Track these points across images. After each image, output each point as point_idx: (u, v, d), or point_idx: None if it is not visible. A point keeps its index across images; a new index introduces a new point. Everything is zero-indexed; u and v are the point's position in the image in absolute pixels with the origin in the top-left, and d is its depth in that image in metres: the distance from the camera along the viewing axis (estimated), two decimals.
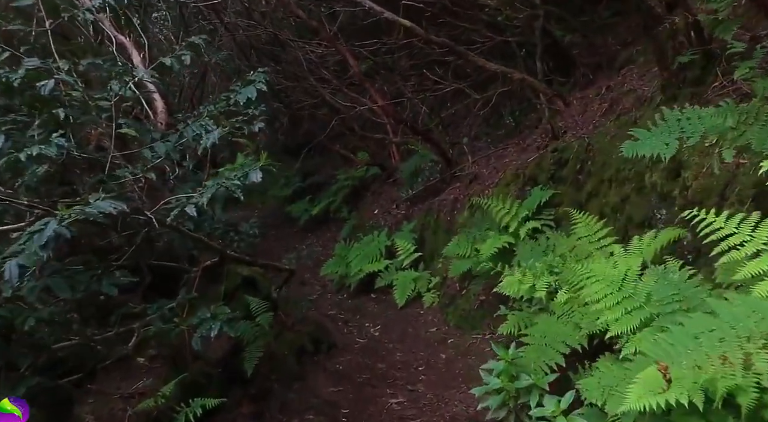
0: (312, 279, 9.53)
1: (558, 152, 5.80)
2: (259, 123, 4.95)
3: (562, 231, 5.55)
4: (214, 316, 3.57)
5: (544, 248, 5.15)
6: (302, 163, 13.04)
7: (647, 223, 4.42)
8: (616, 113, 5.62)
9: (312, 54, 9.67)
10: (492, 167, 7.58)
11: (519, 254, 5.44)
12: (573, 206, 5.56)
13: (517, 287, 4.63)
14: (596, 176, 5.27)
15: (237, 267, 4.67)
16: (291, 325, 5.14)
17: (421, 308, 7.31)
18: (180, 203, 3.48)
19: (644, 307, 3.27)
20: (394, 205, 9.30)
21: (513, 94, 8.51)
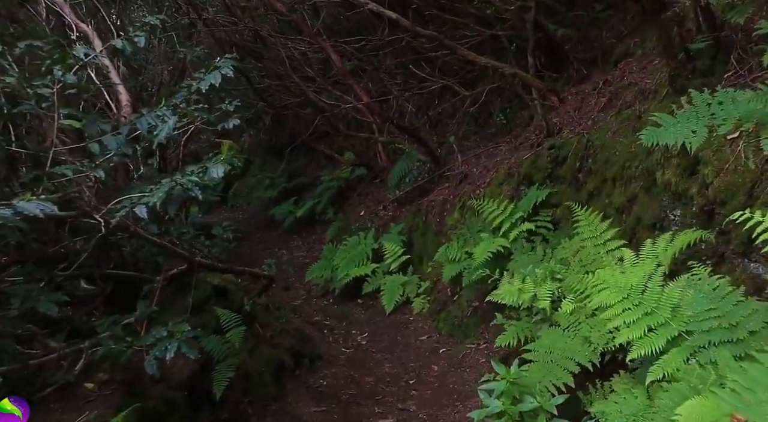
0: (297, 284, 8.93)
1: (555, 150, 5.29)
2: (234, 120, 4.35)
3: (561, 233, 5.04)
4: (171, 334, 2.99)
5: (543, 252, 4.62)
6: (287, 164, 12.44)
7: (659, 225, 3.90)
8: (617, 108, 5.11)
9: (295, 51, 9.08)
10: (482, 167, 7.05)
11: (515, 258, 4.91)
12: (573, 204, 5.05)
13: (517, 296, 4.09)
14: (598, 174, 4.76)
15: (208, 275, 4.08)
16: (269, 337, 4.55)
17: (410, 315, 6.75)
18: (128, 204, 2.88)
19: (670, 323, 2.73)
20: (381, 206, 8.73)
21: (503, 91, 8.01)
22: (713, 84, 4.12)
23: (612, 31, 6.65)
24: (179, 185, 2.96)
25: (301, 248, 10.64)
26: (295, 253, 10.57)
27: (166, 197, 2.88)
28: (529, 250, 4.89)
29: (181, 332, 2.99)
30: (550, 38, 6.85)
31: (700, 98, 2.99)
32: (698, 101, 2.97)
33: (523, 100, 7.42)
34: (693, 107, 2.94)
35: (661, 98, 4.57)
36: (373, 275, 7.42)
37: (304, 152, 12.16)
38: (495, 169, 6.60)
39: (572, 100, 6.18)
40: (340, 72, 7.44)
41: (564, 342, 3.62)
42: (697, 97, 3.01)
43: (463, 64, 8.75)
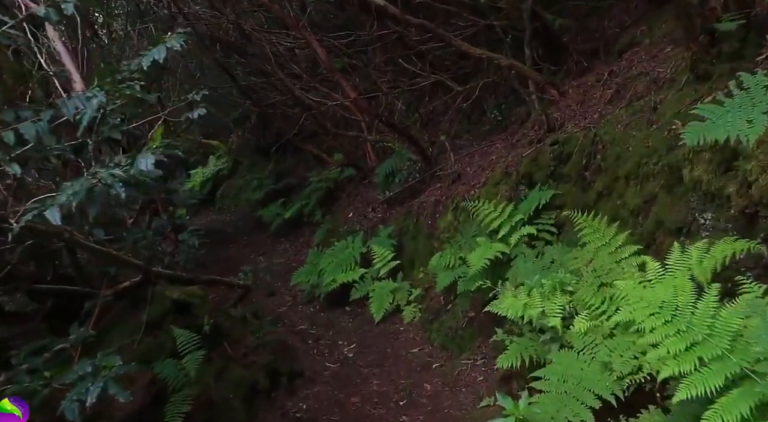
0: (282, 288, 8.24)
1: (558, 146, 4.64)
2: (199, 110, 3.68)
3: (566, 237, 4.40)
4: (96, 371, 2.31)
5: (551, 259, 3.96)
6: (275, 164, 11.74)
7: (685, 229, 3.26)
8: (626, 100, 4.47)
9: (280, 47, 8.39)
10: (477, 166, 6.40)
11: (517, 267, 4.26)
12: (579, 208, 4.40)
13: (522, 310, 3.43)
14: (608, 172, 4.11)
15: (167, 288, 3.40)
16: (243, 355, 3.88)
17: (400, 324, 6.08)
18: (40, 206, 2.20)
19: (729, 356, 2.08)
20: (370, 208, 8.06)
21: (497, 86, 7.37)
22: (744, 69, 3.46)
23: (614, 20, 6.03)
24: (99, 181, 2.27)
25: (289, 251, 9.95)
26: (276, 259, 9.86)
27: (84, 196, 2.19)
28: (533, 257, 4.23)
29: (110, 367, 2.31)
30: (547, 29, 6.21)
31: (754, 81, 2.35)
32: (752, 85, 2.33)
33: (519, 95, 6.78)
34: (746, 93, 2.30)
35: (679, 87, 3.94)
36: (361, 280, 6.74)
37: (292, 152, 11.47)
38: (490, 168, 5.95)
39: (574, 94, 5.54)
40: (326, 66, 6.77)
41: (580, 368, 2.97)
42: (750, 81, 2.37)
43: (456, 59, 8.10)
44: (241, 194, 12.03)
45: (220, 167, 12.64)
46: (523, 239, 4.63)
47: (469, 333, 5.08)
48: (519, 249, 4.60)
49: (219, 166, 12.65)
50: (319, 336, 6.41)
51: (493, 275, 4.71)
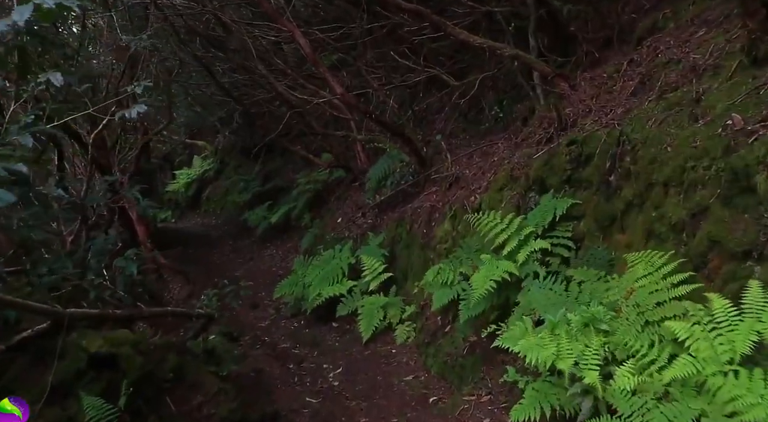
0: (266, 299, 7.42)
1: (576, 146, 3.82)
2: (139, 107, 2.83)
3: (586, 255, 3.58)
4: None
5: (578, 289, 3.12)
6: (262, 165, 10.89)
7: (756, 254, 2.45)
8: (656, 91, 3.66)
9: (264, 41, 7.52)
10: (476, 167, 5.57)
11: (530, 292, 3.43)
12: (602, 221, 3.59)
13: (544, 355, 2.60)
14: (640, 177, 3.30)
15: (87, 336, 2.52)
16: (197, 407, 3.04)
17: (392, 345, 5.26)
18: None
19: None
20: (360, 213, 7.23)
21: (497, 81, 6.54)
22: None
23: (630, 5, 5.21)
24: None
25: (276, 256, 9.11)
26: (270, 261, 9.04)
27: None
28: (550, 282, 3.40)
29: None
30: (554, 16, 5.38)
31: None
32: None
33: (522, 90, 5.95)
34: None
35: (728, 74, 3.13)
36: (349, 295, 5.91)
37: (280, 152, 10.62)
38: (493, 171, 5.13)
39: (587, 87, 4.72)
40: (310, 59, 5.92)
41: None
42: None
43: (452, 53, 7.27)
44: (227, 197, 11.16)
45: (206, 168, 11.75)
46: (535, 256, 3.81)
47: (471, 361, 4.26)
48: (530, 268, 3.78)
49: (205, 167, 11.76)
50: (302, 357, 5.58)
51: (499, 295, 3.91)
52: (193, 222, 11.70)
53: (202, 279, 8.45)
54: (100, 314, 2.72)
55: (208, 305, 3.85)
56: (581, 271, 3.27)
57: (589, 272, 3.21)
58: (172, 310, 3.35)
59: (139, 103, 2.84)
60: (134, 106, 2.83)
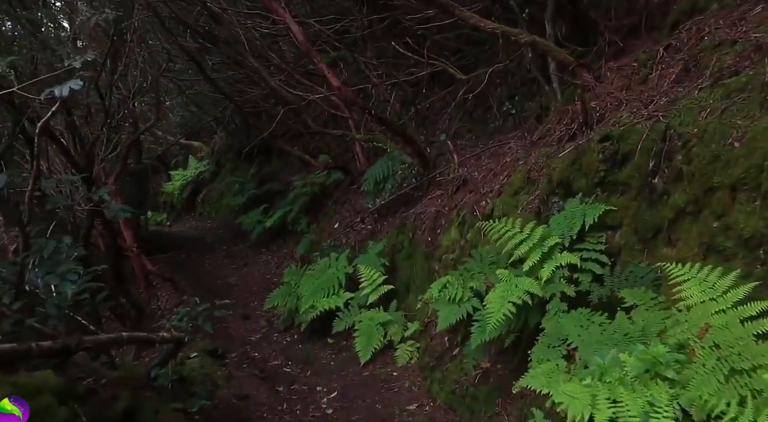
0: (258, 310, 6.74)
1: (611, 143, 3.13)
2: (73, 83, 2.17)
3: (624, 272, 2.90)
4: None
5: (629, 321, 2.43)
6: (258, 167, 10.22)
7: None
8: (710, 77, 2.99)
9: (256, 33, 6.86)
10: (486, 169, 4.91)
11: (562, 322, 2.76)
12: (644, 231, 2.91)
13: (597, 414, 1.91)
14: (696, 179, 2.62)
15: None
16: None
17: (393, 367, 4.59)
18: None
19: None
20: (359, 218, 6.56)
21: (507, 75, 5.87)
22: None
23: None
24: None
25: (271, 262, 8.44)
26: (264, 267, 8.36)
27: None
28: (586, 310, 2.72)
29: None
30: (574, 2, 4.73)
31: None
32: None
33: (535, 85, 5.30)
34: None
35: None
36: (346, 308, 5.23)
37: (277, 154, 9.94)
38: (506, 173, 4.45)
39: (614, 77, 4.05)
40: (304, 49, 5.26)
41: None
42: None
43: (457, 47, 6.61)
44: (223, 199, 10.49)
45: (202, 170, 11.08)
46: (561, 273, 3.13)
47: (485, 392, 3.58)
48: (556, 287, 3.10)
49: (200, 168, 11.09)
50: (293, 377, 4.92)
51: (518, 318, 3.23)
52: (188, 225, 11.03)
53: (193, 287, 7.78)
54: (12, 350, 2.05)
55: (177, 326, 3.18)
56: (631, 292, 2.58)
57: (643, 293, 2.53)
58: (128, 336, 2.67)
59: (74, 79, 2.19)
60: (68, 81, 2.18)
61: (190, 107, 10.61)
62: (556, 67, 4.69)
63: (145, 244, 9.23)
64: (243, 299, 7.32)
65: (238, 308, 7.06)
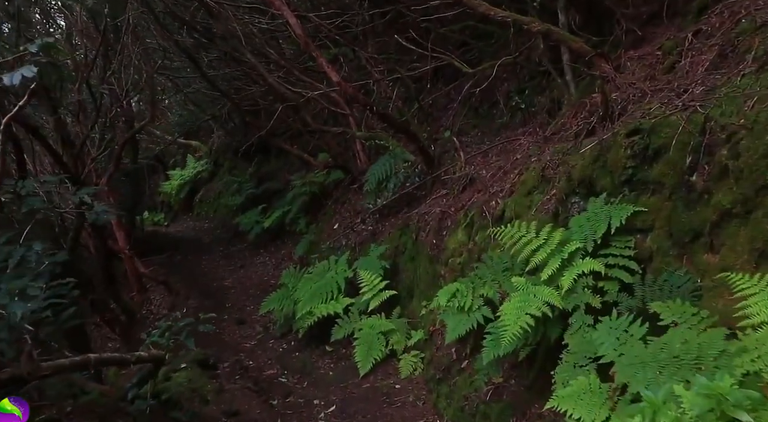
0: (254, 314, 6.37)
1: (641, 136, 2.75)
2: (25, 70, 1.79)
3: (658, 282, 2.52)
4: None
5: (682, 340, 2.04)
6: (257, 166, 9.83)
7: None
8: (754, 62, 2.61)
9: (254, 28, 6.47)
10: (495, 167, 4.52)
11: (594, 338, 2.38)
12: (681, 235, 2.53)
13: None
14: (745, 175, 2.25)
15: None
16: None
17: (395, 378, 4.21)
18: None
19: None
20: (359, 218, 6.17)
21: (514, 70, 5.48)
22: None
23: None
24: None
25: (268, 264, 8.06)
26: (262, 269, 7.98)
27: None
28: (625, 323, 2.34)
29: None
30: None
31: None
32: None
33: (545, 78, 4.92)
34: None
35: None
36: (345, 315, 4.86)
37: (276, 153, 9.55)
38: (517, 171, 4.07)
39: (635, 67, 3.67)
40: (302, 42, 4.88)
41: None
42: None
43: (462, 41, 6.23)
44: (220, 199, 10.11)
45: (200, 170, 10.69)
46: (585, 282, 2.76)
47: (497, 410, 3.20)
48: (579, 298, 2.73)
49: (198, 168, 10.70)
50: (289, 388, 4.54)
51: (536, 332, 2.85)
52: (185, 226, 10.65)
53: (188, 289, 7.41)
54: None
55: (158, 342, 2.80)
56: (665, 305, 2.21)
57: (680, 307, 2.15)
58: (96, 358, 2.28)
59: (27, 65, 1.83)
60: (18, 69, 1.81)
61: (188, 106, 10.23)
62: (570, 58, 4.31)
63: (140, 245, 8.86)
64: (239, 302, 6.95)
65: (233, 312, 6.71)
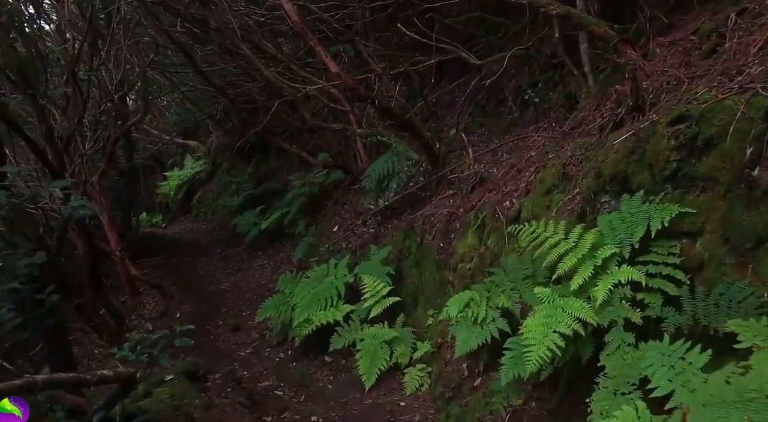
0: (250, 320, 5.92)
1: (689, 124, 2.32)
2: None
3: (716, 295, 2.09)
4: None
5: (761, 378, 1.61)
6: (256, 166, 9.40)
7: None
8: None
9: (249, 20, 6.05)
10: (507, 166, 4.10)
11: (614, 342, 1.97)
12: (739, 239, 2.10)
13: None
14: None
15: None
16: None
17: (400, 394, 3.77)
18: None
19: None
20: (360, 220, 5.74)
21: (524, 62, 5.06)
22: None
23: None
24: None
25: (266, 267, 7.62)
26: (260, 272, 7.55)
27: None
28: (680, 349, 1.90)
29: None
30: None
31: None
32: None
33: (560, 71, 4.49)
34: None
35: None
36: (346, 323, 4.41)
37: (275, 153, 9.12)
38: (533, 168, 3.65)
39: (666, 54, 3.25)
40: (298, 29, 4.46)
41: None
42: None
43: (468, 34, 5.80)
44: (218, 200, 9.68)
45: (198, 170, 10.26)
46: (622, 293, 2.33)
47: None
48: (615, 311, 2.30)
49: (196, 168, 10.27)
50: (285, 402, 4.10)
51: (565, 352, 2.41)
52: (183, 227, 10.22)
53: (182, 293, 6.98)
54: None
55: (130, 355, 2.36)
56: (756, 325, 1.77)
57: (764, 328, 1.72)
58: (44, 380, 1.85)
59: None
60: None
61: (186, 105, 9.81)
62: (589, 46, 3.89)
63: (136, 247, 8.43)
64: (235, 307, 6.52)
65: (229, 317, 6.27)
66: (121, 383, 2.23)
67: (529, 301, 2.64)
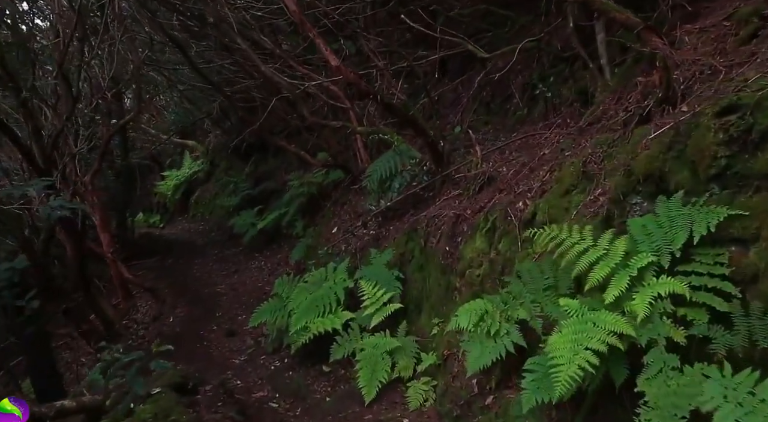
0: (246, 325, 5.54)
1: (741, 115, 1.98)
2: None
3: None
4: None
5: None
6: (254, 166, 9.03)
7: None
8: None
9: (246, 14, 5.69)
10: (518, 164, 3.76)
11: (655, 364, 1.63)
12: None
13: None
14: None
15: None
16: None
17: (403, 410, 3.42)
18: None
19: None
20: (360, 222, 5.38)
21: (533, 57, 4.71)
22: None
23: None
24: None
25: (264, 269, 7.26)
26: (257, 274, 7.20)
27: None
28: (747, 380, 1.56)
29: None
30: None
31: None
32: None
33: (572, 65, 4.16)
34: None
35: None
36: (345, 331, 4.06)
37: (273, 152, 8.77)
38: (547, 167, 3.31)
39: (696, 42, 2.91)
40: (296, 18, 4.11)
41: None
42: None
43: (473, 28, 5.46)
44: (216, 200, 9.32)
45: (196, 170, 9.90)
46: (662, 307, 1.98)
47: None
48: (656, 328, 1.96)
49: (194, 168, 9.92)
50: (280, 416, 3.77)
51: (598, 372, 2.07)
52: (180, 228, 9.85)
53: (176, 296, 6.62)
54: None
55: (103, 382, 2.02)
56: None
57: None
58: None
59: None
60: None
61: (184, 104, 9.45)
62: (606, 35, 3.55)
63: (131, 248, 8.08)
64: (231, 311, 6.16)
65: (224, 322, 5.92)
66: (86, 414, 1.88)
67: (552, 314, 2.30)
